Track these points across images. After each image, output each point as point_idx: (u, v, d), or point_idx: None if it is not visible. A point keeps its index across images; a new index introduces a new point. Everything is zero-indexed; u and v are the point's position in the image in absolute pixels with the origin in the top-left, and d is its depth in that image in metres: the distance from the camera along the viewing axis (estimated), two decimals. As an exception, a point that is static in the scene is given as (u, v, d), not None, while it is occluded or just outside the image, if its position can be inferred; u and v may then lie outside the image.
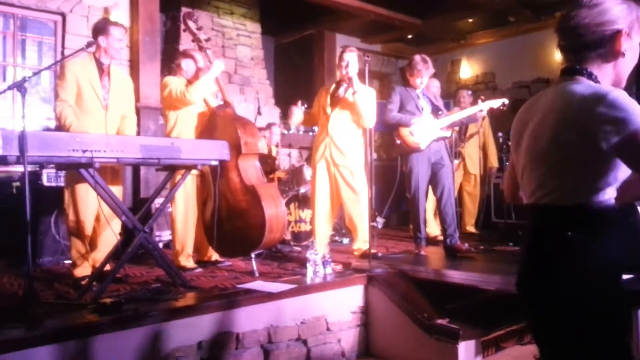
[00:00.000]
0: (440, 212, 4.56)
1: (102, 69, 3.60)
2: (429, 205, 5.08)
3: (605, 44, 1.43)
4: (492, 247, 4.90)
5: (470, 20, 7.60)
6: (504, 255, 4.61)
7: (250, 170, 3.85)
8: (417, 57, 4.60)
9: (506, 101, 4.93)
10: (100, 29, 3.59)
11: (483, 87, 8.23)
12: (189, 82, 3.99)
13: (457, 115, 4.72)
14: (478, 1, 6.67)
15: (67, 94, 3.45)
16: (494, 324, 3.42)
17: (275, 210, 3.70)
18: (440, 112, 4.58)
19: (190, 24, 3.98)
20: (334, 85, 4.41)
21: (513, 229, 5.61)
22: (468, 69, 8.44)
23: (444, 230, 4.54)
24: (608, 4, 1.42)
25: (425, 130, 4.42)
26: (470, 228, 6.08)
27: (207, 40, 4.04)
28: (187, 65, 4.09)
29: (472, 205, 6.09)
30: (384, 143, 8.24)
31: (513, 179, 1.67)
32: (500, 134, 5.89)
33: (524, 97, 7.51)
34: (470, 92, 6.12)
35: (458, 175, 5.69)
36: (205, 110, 4.08)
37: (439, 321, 3.29)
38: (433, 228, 5.34)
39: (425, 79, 4.56)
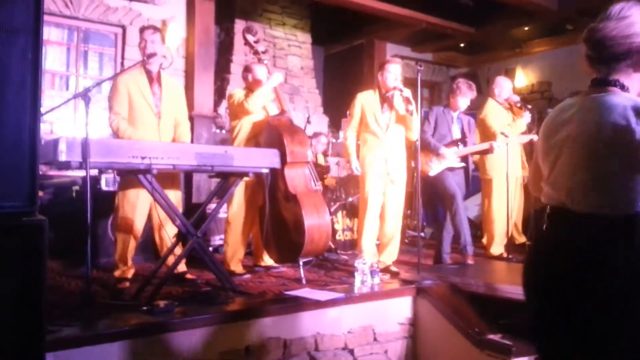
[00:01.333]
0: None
1: (151, 77, 3.69)
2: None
3: (632, 55, 1.47)
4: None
5: (526, 28, 7.42)
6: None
7: (297, 178, 3.88)
8: (462, 81, 4.70)
9: (535, 138, 4.88)
10: (139, 37, 3.72)
11: (539, 97, 8.00)
12: (251, 91, 4.11)
13: (473, 148, 4.75)
14: (534, 9, 6.50)
15: (120, 107, 3.56)
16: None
17: (317, 220, 3.71)
18: (465, 140, 4.67)
19: (249, 37, 4.13)
20: (373, 97, 4.21)
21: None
22: (523, 78, 8.22)
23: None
24: (636, 17, 1.47)
25: (442, 159, 4.56)
26: (521, 238, 5.86)
27: (265, 52, 4.16)
28: (250, 76, 4.23)
29: (519, 215, 5.87)
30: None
31: (536, 178, 1.73)
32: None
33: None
34: (518, 97, 5.88)
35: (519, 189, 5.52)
36: (262, 118, 4.18)
37: (491, 336, 3.20)
38: (498, 245, 5.19)
39: (466, 102, 4.68)
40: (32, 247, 1.35)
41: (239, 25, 6.90)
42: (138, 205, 3.55)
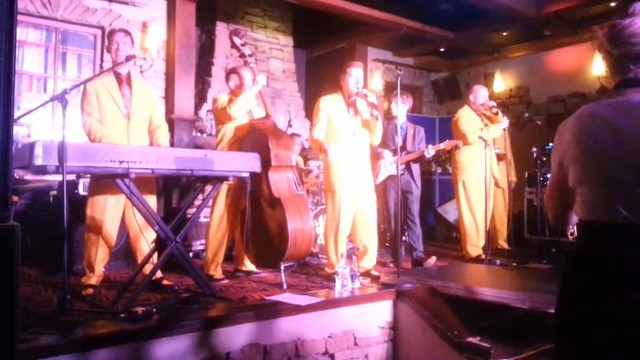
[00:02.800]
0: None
1: (120, 79, 3.66)
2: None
3: None
4: (524, 264, 4.80)
5: (505, 33, 7.52)
6: (537, 272, 4.51)
7: (281, 182, 3.87)
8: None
9: (460, 143, 5.08)
10: (108, 38, 3.71)
11: (517, 101, 8.10)
12: (235, 96, 4.09)
13: (406, 157, 4.91)
14: (512, 14, 6.59)
15: (91, 108, 3.54)
16: (527, 343, 3.33)
17: (300, 224, 3.71)
18: (406, 148, 4.92)
19: (237, 40, 4.12)
20: (337, 101, 4.14)
21: (546, 246, 5.48)
22: (502, 83, 8.33)
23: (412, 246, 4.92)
24: None
25: (385, 166, 4.80)
26: (502, 243, 5.96)
27: (251, 55, 4.15)
28: (235, 80, 4.22)
29: (502, 219, 5.98)
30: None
31: (562, 198, 1.57)
32: (534, 149, 5.78)
33: (559, 112, 7.37)
34: (494, 103, 5.98)
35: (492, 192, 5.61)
36: (246, 122, 4.17)
37: (470, 339, 3.23)
38: (471, 247, 5.26)
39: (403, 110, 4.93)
40: (3, 254, 1.32)
41: (220, 27, 6.87)
42: (107, 211, 3.51)
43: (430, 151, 4.84)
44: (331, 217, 4.10)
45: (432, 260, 4.83)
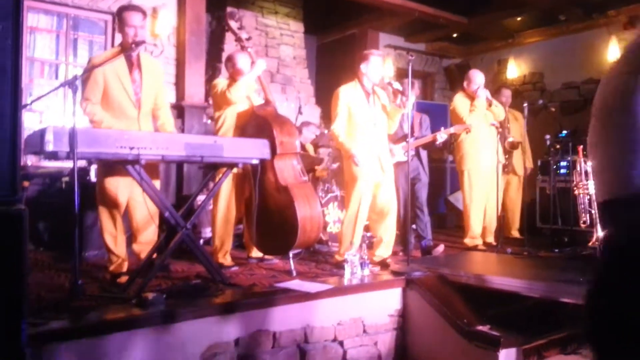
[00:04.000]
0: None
1: (131, 62, 3.44)
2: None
3: None
4: (536, 252, 4.77)
5: (519, 18, 7.39)
6: (549, 261, 4.48)
7: (287, 169, 3.85)
8: (406, 82, 4.80)
9: (471, 126, 4.96)
10: (118, 18, 3.44)
11: (531, 88, 7.99)
12: (234, 80, 4.04)
13: (419, 141, 4.83)
14: (527, -1, 6.49)
15: (90, 93, 3.32)
16: (537, 332, 3.32)
17: (309, 211, 3.69)
18: (413, 135, 4.78)
19: (232, 23, 4.04)
20: (356, 90, 4.12)
21: (559, 234, 5.43)
22: (515, 69, 8.21)
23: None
24: None
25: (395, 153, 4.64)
26: (515, 233, 5.92)
27: (249, 39, 4.09)
28: (234, 64, 4.16)
29: (516, 208, 5.93)
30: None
31: None
32: (547, 137, 5.72)
33: (573, 98, 7.27)
34: (509, 92, 5.92)
35: (501, 178, 5.56)
36: (246, 109, 4.13)
37: (480, 327, 3.22)
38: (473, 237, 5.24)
39: (412, 101, 4.81)
40: (12, 236, 1.33)
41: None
42: (119, 197, 3.42)
43: (442, 135, 4.76)
44: (353, 207, 4.06)
45: (441, 248, 4.81)
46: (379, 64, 4.10)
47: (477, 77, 5.18)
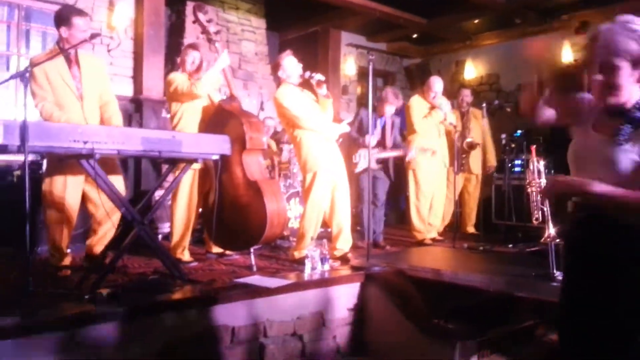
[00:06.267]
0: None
1: (69, 59, 3.48)
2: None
3: None
4: (492, 248, 4.90)
5: (476, 21, 7.56)
6: (504, 256, 4.61)
7: (254, 165, 3.84)
8: (389, 90, 5.10)
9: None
10: (63, 19, 3.44)
11: (487, 89, 8.20)
12: (191, 75, 4.00)
13: (389, 153, 5.08)
14: (483, 2, 6.64)
15: (44, 91, 3.36)
16: (492, 325, 3.41)
17: (276, 205, 3.69)
18: (384, 142, 5.01)
19: (201, 16, 4.00)
20: (298, 91, 4.23)
21: (513, 230, 5.59)
22: (473, 70, 8.40)
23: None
24: None
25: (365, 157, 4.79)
26: (471, 229, 6.07)
27: (217, 33, 4.06)
28: (193, 58, 4.10)
29: (472, 205, 6.08)
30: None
31: None
32: (503, 136, 5.87)
33: (528, 99, 7.47)
34: (469, 91, 6.09)
35: (460, 176, 5.69)
36: (209, 104, 4.08)
37: (436, 321, 3.29)
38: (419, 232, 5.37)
39: (391, 109, 5.07)
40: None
41: (191, 7, 6.71)
42: (68, 191, 3.39)
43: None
44: (314, 198, 4.02)
45: (387, 248, 4.96)
46: (293, 63, 4.17)
47: (436, 85, 5.31)
